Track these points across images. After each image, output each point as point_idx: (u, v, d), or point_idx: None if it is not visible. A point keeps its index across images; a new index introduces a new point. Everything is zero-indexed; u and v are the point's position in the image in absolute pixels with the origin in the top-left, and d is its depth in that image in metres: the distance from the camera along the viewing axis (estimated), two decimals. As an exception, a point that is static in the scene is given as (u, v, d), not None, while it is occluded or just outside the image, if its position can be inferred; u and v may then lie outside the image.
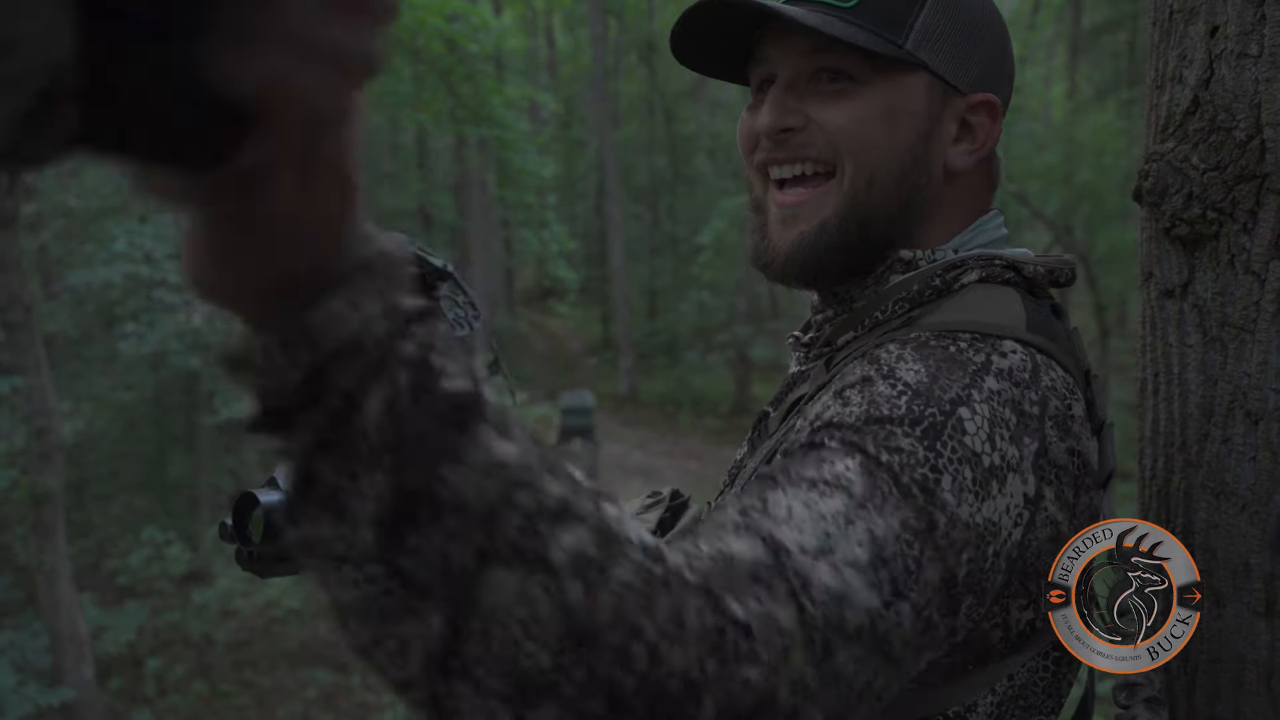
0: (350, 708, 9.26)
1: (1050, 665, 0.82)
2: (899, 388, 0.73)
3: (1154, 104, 1.02)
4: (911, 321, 0.84)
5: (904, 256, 0.89)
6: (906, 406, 0.71)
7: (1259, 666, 0.94)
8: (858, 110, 0.86)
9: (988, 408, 0.73)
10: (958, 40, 0.88)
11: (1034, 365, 0.79)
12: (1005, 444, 0.73)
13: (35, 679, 7.21)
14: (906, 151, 0.88)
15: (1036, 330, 0.82)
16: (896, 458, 0.69)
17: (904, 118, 0.87)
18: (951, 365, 0.75)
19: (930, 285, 0.87)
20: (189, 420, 11.98)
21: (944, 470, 0.69)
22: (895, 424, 0.70)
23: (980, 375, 0.75)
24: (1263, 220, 0.91)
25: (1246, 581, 0.94)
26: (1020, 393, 0.76)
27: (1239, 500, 0.94)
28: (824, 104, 0.88)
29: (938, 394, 0.72)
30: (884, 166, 0.87)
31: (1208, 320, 0.96)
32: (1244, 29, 0.91)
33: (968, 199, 0.93)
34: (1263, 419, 0.92)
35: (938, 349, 0.77)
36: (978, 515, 0.70)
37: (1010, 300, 0.85)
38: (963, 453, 0.71)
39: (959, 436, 0.71)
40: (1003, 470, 0.72)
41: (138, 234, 10.70)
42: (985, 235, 0.93)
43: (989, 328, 0.81)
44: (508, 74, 13.98)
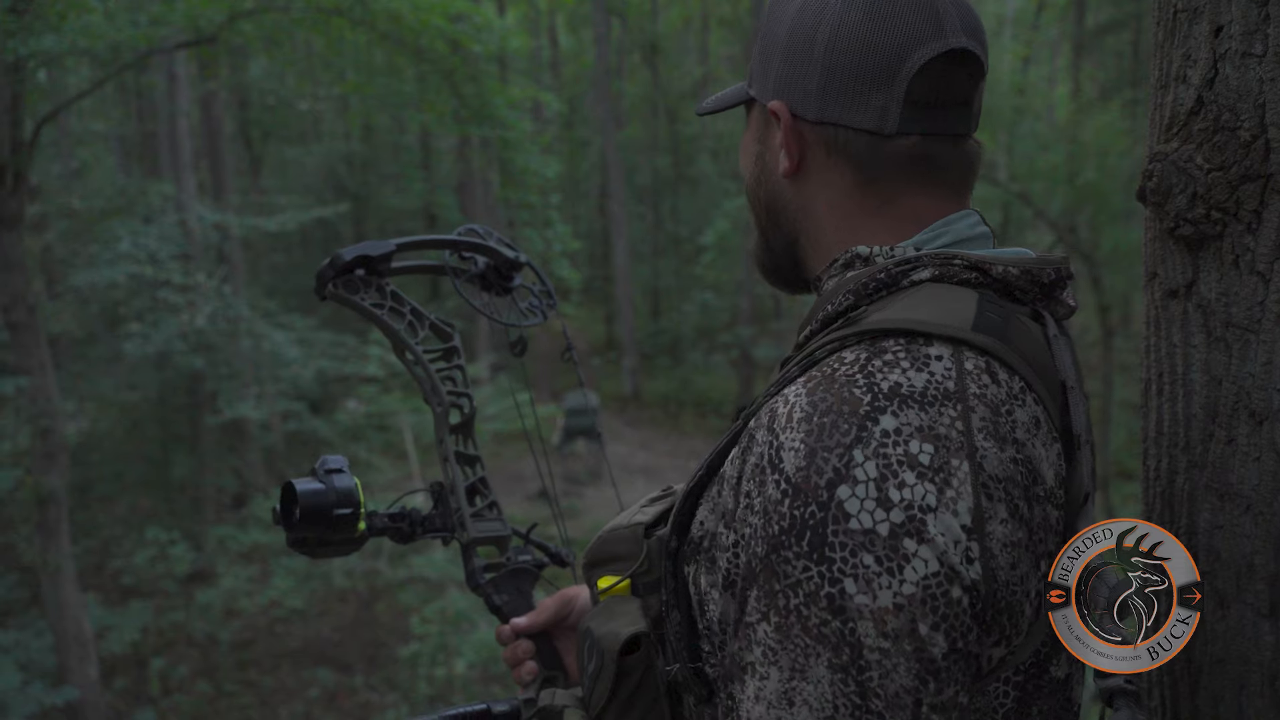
0: (353, 707, 9.27)
1: (1012, 691, 0.78)
2: (782, 485, 0.74)
3: (1158, 104, 1.02)
4: (851, 321, 0.83)
5: (860, 252, 0.89)
6: (789, 513, 0.73)
7: (1263, 668, 0.94)
8: (741, 150, 1.03)
9: (875, 463, 0.71)
10: (763, 58, 0.95)
11: (959, 373, 0.76)
12: (909, 489, 0.71)
13: (40, 679, 7.23)
14: (751, 177, 0.99)
15: (985, 331, 0.79)
16: (798, 596, 0.71)
17: (749, 145, 0.99)
18: (837, 418, 0.73)
19: (876, 279, 0.85)
20: (193, 420, 12.00)
21: (843, 575, 0.70)
22: (785, 545, 0.72)
23: (871, 419, 0.73)
24: (1267, 220, 0.91)
25: (1250, 583, 0.94)
26: (933, 415, 0.73)
27: (1243, 501, 0.94)
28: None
29: (814, 480, 0.72)
30: (751, 192, 1.00)
31: (1212, 320, 0.96)
32: (1248, 28, 0.91)
33: (839, 191, 0.91)
34: (1267, 419, 0.92)
35: (836, 384, 0.75)
36: (905, 587, 0.69)
37: (960, 299, 0.82)
38: (854, 541, 0.70)
39: (843, 524, 0.70)
40: (915, 519, 0.70)
41: (142, 234, 10.72)
42: (952, 234, 0.89)
43: (923, 326, 0.78)
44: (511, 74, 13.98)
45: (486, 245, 1.38)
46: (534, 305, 1.43)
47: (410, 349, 1.32)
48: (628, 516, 1.00)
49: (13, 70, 6.66)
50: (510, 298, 1.40)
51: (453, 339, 1.36)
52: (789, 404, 0.77)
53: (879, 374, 0.76)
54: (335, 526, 1.19)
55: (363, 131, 19.86)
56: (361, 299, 1.29)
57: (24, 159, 6.87)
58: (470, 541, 1.27)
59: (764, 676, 0.73)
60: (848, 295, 0.86)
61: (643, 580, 0.94)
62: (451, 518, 1.30)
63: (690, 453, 15.09)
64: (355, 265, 1.29)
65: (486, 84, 9.63)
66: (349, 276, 1.29)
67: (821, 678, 0.70)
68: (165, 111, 13.58)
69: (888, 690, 0.70)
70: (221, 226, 12.15)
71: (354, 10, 8.25)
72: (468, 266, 1.39)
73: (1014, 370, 0.79)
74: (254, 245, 14.77)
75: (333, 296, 1.29)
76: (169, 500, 11.76)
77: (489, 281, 1.39)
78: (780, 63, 0.93)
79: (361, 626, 10.44)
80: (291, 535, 1.20)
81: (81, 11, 6.98)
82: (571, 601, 1.22)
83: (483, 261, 1.39)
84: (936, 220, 0.90)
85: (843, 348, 0.81)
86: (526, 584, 1.29)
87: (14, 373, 7.68)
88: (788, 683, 0.71)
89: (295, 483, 1.19)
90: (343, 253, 1.29)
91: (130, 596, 10.07)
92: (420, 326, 1.34)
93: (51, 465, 7.08)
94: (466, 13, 8.93)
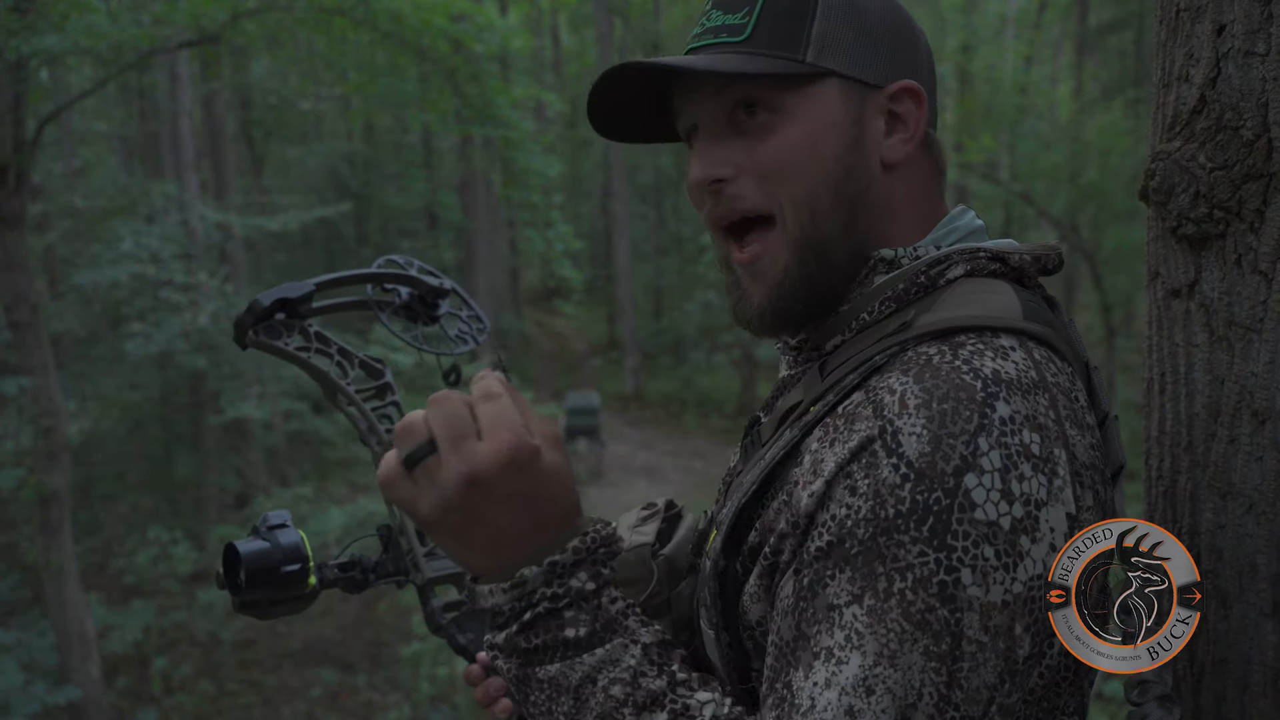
0: (355, 707, 9.28)
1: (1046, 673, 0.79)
2: (901, 469, 0.71)
3: (1160, 103, 1.02)
4: (907, 326, 0.82)
5: (885, 256, 0.88)
6: (910, 497, 0.70)
7: (1265, 668, 0.94)
8: (782, 144, 0.86)
9: (1000, 452, 0.71)
10: (859, 38, 0.87)
11: (1035, 362, 0.77)
12: (1028, 481, 0.71)
13: (42, 678, 7.24)
14: (837, 165, 0.86)
15: (1033, 319, 0.80)
16: (904, 580, 0.70)
17: (827, 133, 0.86)
18: (957, 404, 0.72)
19: (915, 283, 0.85)
20: (195, 420, 12.02)
21: (960, 565, 0.69)
22: (900, 529, 0.70)
23: (990, 405, 0.72)
24: (1270, 219, 0.91)
25: (1253, 582, 0.93)
26: (1032, 403, 0.73)
27: (1245, 500, 0.94)
28: (748, 146, 0.87)
29: (940, 466, 0.70)
30: (820, 191, 0.86)
31: (1214, 320, 0.96)
32: (1251, 28, 0.91)
33: (919, 186, 0.91)
34: (1269, 419, 0.92)
35: (944, 372, 0.74)
36: (1015, 585, 0.70)
37: (1002, 291, 0.83)
38: (977, 532, 0.70)
39: (968, 515, 0.70)
40: (1031, 516, 0.71)
41: (144, 234, 10.73)
42: (962, 229, 0.91)
43: (986, 321, 0.79)
44: (513, 74, 13.98)
45: (408, 275, 1.33)
46: (464, 331, 1.37)
47: (342, 390, 1.26)
48: (626, 537, 0.99)
49: (15, 69, 6.67)
50: (439, 326, 1.36)
51: (384, 375, 1.30)
52: (896, 392, 0.75)
53: (975, 361, 0.75)
54: (285, 585, 1.14)
55: (365, 131, 19.88)
56: (285, 344, 1.23)
57: (26, 158, 6.88)
58: (426, 582, 1.22)
59: (841, 661, 0.70)
60: (887, 303, 0.85)
61: (651, 605, 0.95)
62: (404, 560, 1.25)
63: (692, 453, 15.09)
64: (275, 309, 1.23)
65: (488, 84, 9.63)
66: (269, 322, 1.23)
67: (913, 664, 0.69)
68: (168, 111, 13.61)
69: (971, 684, 0.70)
70: (224, 226, 12.16)
71: (356, 10, 8.25)
72: (391, 299, 1.34)
73: (1064, 356, 0.81)
74: (256, 245, 14.78)
75: (254, 344, 1.23)
76: (171, 500, 11.77)
77: (415, 312, 1.34)
78: (890, 46, 0.89)
79: (364, 626, 10.45)
80: (238, 600, 1.14)
81: (84, 11, 6.99)
82: None
83: (406, 292, 1.34)
84: (941, 218, 0.91)
85: (906, 349, 0.80)
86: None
87: (16, 372, 7.69)
88: (871, 669, 0.69)
89: (237, 544, 1.13)
90: (260, 298, 1.23)
91: (133, 596, 10.08)
92: (350, 366, 1.29)
93: (54, 465, 7.09)
94: (468, 12, 8.94)
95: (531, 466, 0.75)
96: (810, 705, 0.70)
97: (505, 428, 0.74)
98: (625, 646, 0.77)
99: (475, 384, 0.78)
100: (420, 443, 0.75)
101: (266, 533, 1.16)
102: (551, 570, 0.77)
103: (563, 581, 0.77)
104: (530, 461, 0.74)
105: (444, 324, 1.36)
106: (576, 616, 0.77)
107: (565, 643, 0.77)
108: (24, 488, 7.84)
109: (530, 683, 0.78)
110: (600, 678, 0.76)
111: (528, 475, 0.75)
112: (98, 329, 12.37)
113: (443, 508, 0.74)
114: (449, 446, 0.74)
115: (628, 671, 0.76)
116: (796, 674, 0.72)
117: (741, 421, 15.66)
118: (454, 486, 0.73)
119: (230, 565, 1.14)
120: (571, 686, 0.76)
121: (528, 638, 0.77)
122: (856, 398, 0.78)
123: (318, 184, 18.08)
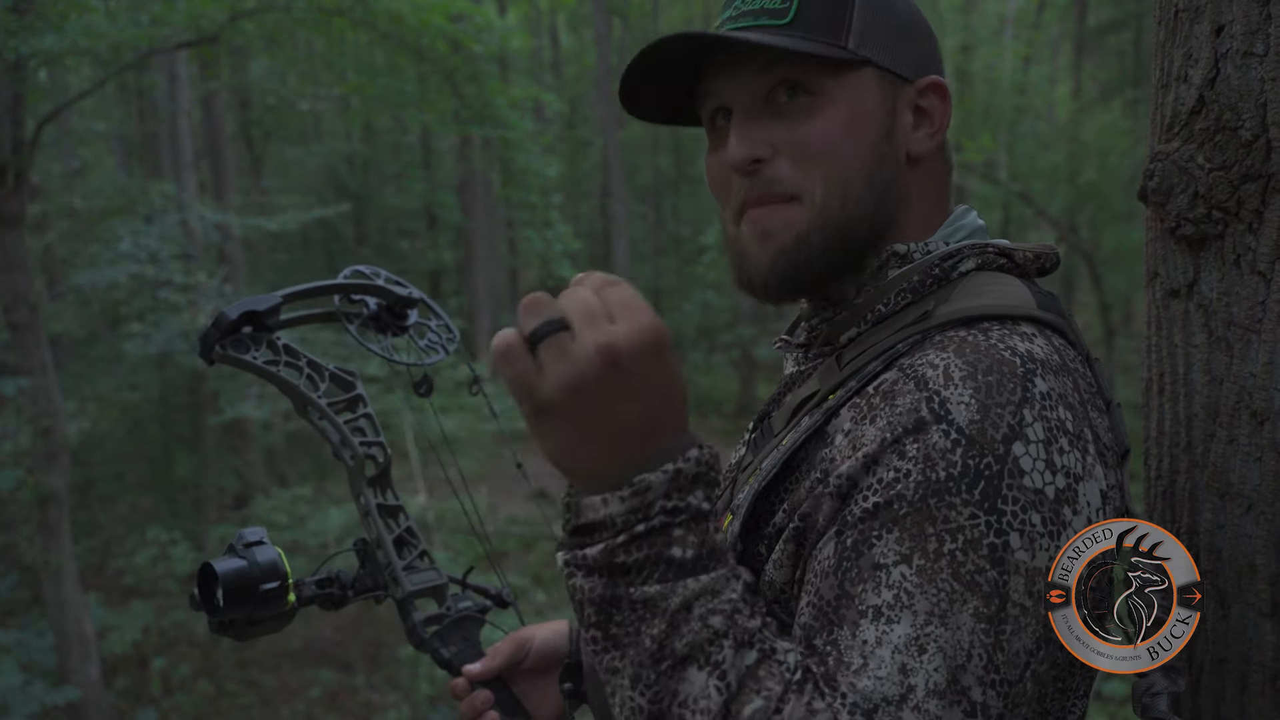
0: (354, 707, 9.28)
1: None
2: (952, 435, 0.72)
3: (1159, 103, 1.02)
4: (927, 315, 0.84)
5: (898, 250, 0.90)
6: (961, 461, 0.72)
7: (1264, 668, 0.94)
8: (823, 127, 0.87)
9: (1042, 425, 0.73)
10: (892, 32, 0.89)
11: (1055, 348, 0.80)
12: (1067, 455, 0.74)
13: (41, 678, 7.23)
14: (872, 152, 0.88)
15: (1046, 310, 0.84)
16: (955, 541, 0.71)
17: (866, 119, 0.88)
18: (1001, 377, 0.74)
19: (930, 275, 0.87)
20: (194, 420, 12.00)
21: (1009, 529, 0.71)
22: (952, 491, 0.71)
23: (1030, 380, 0.75)
24: (1268, 220, 0.91)
25: (1252, 582, 0.94)
26: (1062, 383, 0.77)
27: (1244, 501, 0.94)
28: (788, 127, 0.87)
29: (990, 434, 0.72)
30: (855, 176, 0.87)
31: (1213, 320, 0.96)
32: (1249, 28, 0.91)
33: (934, 183, 0.94)
34: (1268, 419, 0.92)
35: (983, 348, 0.77)
36: (1057, 553, 0.72)
37: (1010, 284, 0.86)
38: (1025, 499, 0.71)
39: (1018, 481, 0.71)
40: (1071, 489, 0.73)
41: (143, 234, 10.72)
42: (967, 228, 0.94)
43: (1006, 310, 0.82)
44: (512, 74, 13.98)
45: (376, 285, 1.31)
46: (434, 342, 1.35)
47: (313, 403, 1.25)
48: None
49: (14, 69, 6.66)
50: (408, 336, 1.33)
51: (355, 387, 1.29)
52: (938, 367, 0.76)
53: (1009, 339, 0.78)
54: (264, 603, 1.12)
55: (364, 131, 19.86)
56: (253, 358, 1.21)
57: (25, 158, 6.87)
58: (406, 596, 1.20)
59: (891, 620, 0.70)
60: (904, 294, 0.87)
61: None
62: (382, 574, 1.23)
63: (691, 452, 15.05)
64: (241, 323, 1.20)
65: (487, 84, 9.63)
66: (236, 336, 1.20)
67: (963, 624, 0.70)
68: (166, 111, 13.59)
69: (1012, 648, 0.71)
70: (223, 226, 12.15)
71: (355, 10, 8.25)
72: (359, 309, 1.31)
73: (1075, 344, 0.84)
74: (255, 245, 14.77)
75: (221, 359, 1.20)
76: (170, 500, 11.76)
77: (384, 322, 1.32)
78: (918, 42, 0.92)
79: (363, 626, 10.44)
80: (215, 621, 1.12)
81: (83, 11, 6.99)
82: (526, 643, 1.18)
83: (374, 303, 1.32)
84: (948, 215, 0.94)
85: (926, 337, 0.82)
86: (473, 631, 1.23)
87: (15, 373, 7.69)
88: (922, 628, 0.69)
89: (214, 563, 1.10)
90: (227, 311, 1.21)
91: (132, 596, 10.07)
92: (320, 379, 1.27)
93: (53, 465, 7.09)
94: (467, 13, 8.94)
95: (667, 354, 0.69)
96: (862, 664, 0.70)
97: (641, 309, 0.69)
98: (728, 580, 0.71)
99: (586, 278, 0.72)
100: (552, 317, 0.67)
101: (243, 550, 1.13)
102: (674, 480, 0.69)
103: (682, 495, 0.70)
104: (667, 348, 0.69)
105: (413, 334, 1.34)
106: (685, 536, 0.70)
107: (669, 562, 0.69)
108: (23, 488, 7.83)
109: (620, 603, 0.70)
110: (697, 606, 0.69)
111: (663, 363, 0.68)
112: (96, 329, 12.36)
113: (571, 386, 0.66)
114: (585, 322, 0.67)
115: (728, 604, 0.70)
116: (841, 632, 0.71)
117: (741, 421, 15.68)
118: (590, 362, 0.66)
119: (206, 585, 1.11)
120: (669, 610, 0.69)
121: (629, 551, 0.69)
122: (889, 376, 0.79)
123: (317, 184, 18.07)
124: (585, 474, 0.70)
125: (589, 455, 0.69)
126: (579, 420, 0.67)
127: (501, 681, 1.17)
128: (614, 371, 0.66)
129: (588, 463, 0.70)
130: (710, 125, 0.94)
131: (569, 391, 0.66)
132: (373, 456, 1.27)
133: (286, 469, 13.00)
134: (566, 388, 0.66)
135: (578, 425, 0.68)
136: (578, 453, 0.69)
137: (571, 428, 0.68)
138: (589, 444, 0.68)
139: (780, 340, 1.03)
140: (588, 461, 0.69)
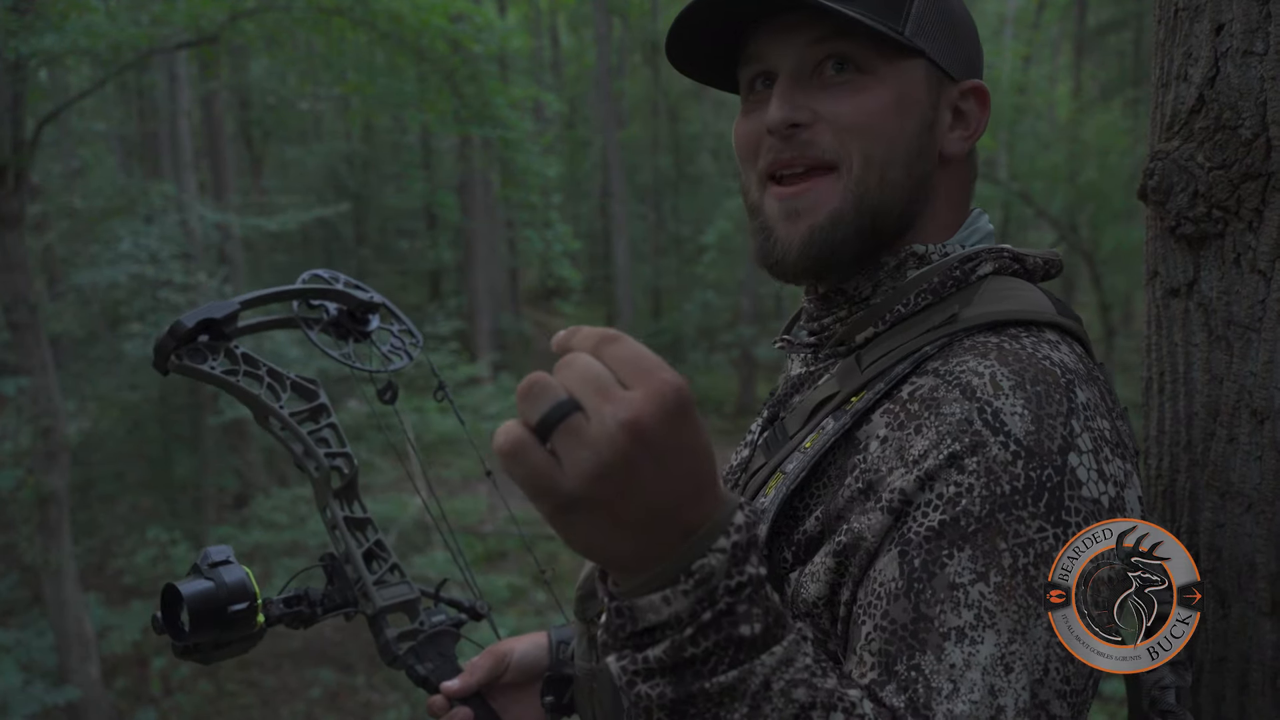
0: (354, 707, 9.28)
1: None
2: (1011, 447, 0.73)
3: (1159, 102, 1.02)
4: (954, 318, 0.84)
5: (917, 251, 0.90)
6: (1024, 475, 0.72)
7: (1264, 667, 0.94)
8: (869, 103, 0.85)
9: (1089, 435, 0.75)
10: (945, 29, 0.89)
11: (1077, 355, 0.81)
12: (1112, 464, 0.75)
13: (41, 678, 7.23)
14: (914, 141, 0.87)
15: (1064, 315, 0.85)
16: (1027, 555, 0.71)
17: (912, 107, 0.87)
18: (1047, 387, 0.75)
19: (950, 277, 0.88)
20: (194, 420, 12.00)
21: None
22: (1018, 505, 0.72)
23: (1072, 390, 0.76)
24: (1268, 219, 0.91)
25: (1252, 581, 0.93)
26: (1092, 392, 0.78)
27: (1244, 500, 0.94)
28: (833, 98, 0.86)
29: (1046, 445, 0.73)
30: (894, 159, 0.86)
31: (1213, 319, 0.96)
32: (1249, 27, 0.91)
33: (959, 187, 0.94)
34: (1268, 418, 0.92)
35: (1024, 357, 0.77)
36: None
37: (1027, 289, 0.87)
38: (1086, 509, 0.73)
39: (1077, 492, 0.73)
40: (1120, 497, 0.75)
41: (143, 234, 10.71)
42: (980, 231, 0.94)
43: (1030, 315, 0.82)
44: (512, 74, 13.97)
45: (335, 290, 1.26)
46: (397, 347, 1.31)
47: (275, 414, 1.19)
48: None
49: (14, 69, 6.66)
50: (369, 342, 1.29)
51: (318, 396, 1.24)
52: (983, 375, 0.76)
53: (1041, 347, 0.79)
54: (232, 625, 1.06)
55: (363, 131, 19.85)
56: (210, 367, 1.16)
57: (25, 158, 6.87)
58: (378, 612, 1.16)
59: (976, 641, 0.69)
60: (924, 295, 0.87)
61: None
62: (352, 590, 1.18)
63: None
64: (198, 331, 1.15)
65: (487, 84, 9.62)
66: (193, 345, 1.15)
67: (1039, 639, 0.70)
68: (166, 111, 13.59)
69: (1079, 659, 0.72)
70: (222, 226, 12.15)
71: (355, 10, 8.24)
72: (318, 314, 1.26)
73: (1090, 352, 0.86)
74: (255, 245, 14.76)
75: (176, 369, 1.15)
76: (170, 500, 11.75)
77: (344, 328, 1.27)
78: (967, 44, 0.92)
79: (362, 626, 10.40)
80: (180, 645, 1.06)
81: (83, 11, 6.98)
82: (505, 657, 1.15)
83: (334, 307, 1.27)
84: (965, 220, 0.95)
85: (954, 341, 0.82)
86: (448, 646, 1.19)
87: (15, 373, 7.69)
88: (1006, 646, 0.69)
89: (179, 585, 1.04)
90: (183, 319, 1.16)
91: (132, 596, 10.06)
92: (281, 388, 1.22)
93: (53, 465, 7.08)
94: (467, 13, 8.93)
95: (691, 411, 0.60)
96: (953, 689, 0.68)
97: (654, 368, 0.59)
98: (798, 644, 0.65)
99: (575, 333, 0.63)
100: (559, 399, 0.58)
101: (209, 570, 1.08)
102: (733, 557, 0.62)
103: (740, 569, 0.63)
104: (690, 404, 0.60)
105: (375, 339, 1.29)
106: (750, 611, 0.63)
107: (739, 642, 0.63)
108: (23, 488, 7.83)
109: (695, 700, 0.63)
110: (776, 681, 0.63)
111: (690, 424, 0.60)
112: (96, 329, 12.35)
113: (597, 475, 0.57)
114: (597, 397, 0.58)
115: (805, 671, 0.65)
116: (925, 657, 0.70)
117: (741, 421, 15.67)
118: (613, 443, 0.57)
119: (170, 607, 1.06)
120: (749, 693, 0.63)
121: (696, 642, 0.62)
122: (926, 382, 0.79)
123: (316, 184, 18.06)
124: (624, 566, 0.63)
125: (626, 547, 0.62)
126: (609, 510, 0.59)
127: (480, 698, 1.13)
128: (641, 448, 0.58)
129: (625, 555, 0.62)
130: (748, 89, 0.92)
131: (595, 481, 0.58)
132: (338, 468, 1.22)
133: (287, 469, 13.00)
134: (592, 478, 0.58)
135: (609, 515, 0.60)
136: (613, 545, 0.62)
137: (602, 519, 0.60)
138: (623, 532, 0.61)
139: (781, 340, 1.01)
140: (625, 554, 0.62)
